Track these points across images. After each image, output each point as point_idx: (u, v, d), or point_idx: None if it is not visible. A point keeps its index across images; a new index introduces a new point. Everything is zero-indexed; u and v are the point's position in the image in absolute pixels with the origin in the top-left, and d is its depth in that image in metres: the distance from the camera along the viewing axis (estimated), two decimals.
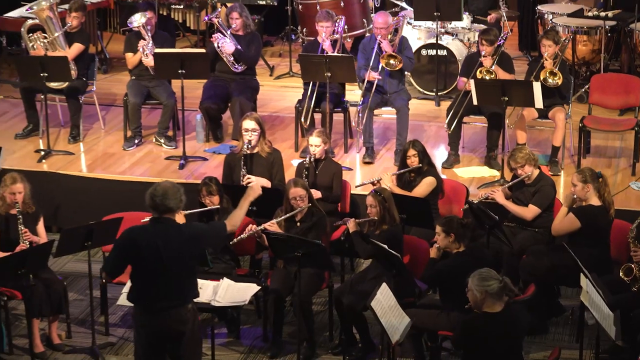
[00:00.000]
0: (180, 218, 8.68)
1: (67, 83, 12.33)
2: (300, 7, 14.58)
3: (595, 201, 9.51)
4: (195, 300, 8.18)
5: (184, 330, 7.88)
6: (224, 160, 10.96)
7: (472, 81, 11.40)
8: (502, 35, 12.14)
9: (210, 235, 8.07)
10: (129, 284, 8.58)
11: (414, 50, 12.84)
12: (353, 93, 12.83)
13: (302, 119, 12.09)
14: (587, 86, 12.67)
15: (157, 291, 7.78)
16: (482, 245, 9.13)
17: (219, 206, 9.79)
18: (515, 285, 9.06)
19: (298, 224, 9.66)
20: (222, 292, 9.00)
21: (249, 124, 10.60)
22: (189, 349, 8.01)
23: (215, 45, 12.35)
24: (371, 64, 11.84)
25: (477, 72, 11.54)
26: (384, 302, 8.31)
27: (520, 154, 10.07)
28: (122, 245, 7.89)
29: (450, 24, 13.76)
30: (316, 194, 10.14)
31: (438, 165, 11.13)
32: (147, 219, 8.74)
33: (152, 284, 7.78)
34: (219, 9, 13.87)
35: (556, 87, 11.48)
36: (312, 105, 12.10)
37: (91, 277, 9.51)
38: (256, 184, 8.48)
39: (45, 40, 12.60)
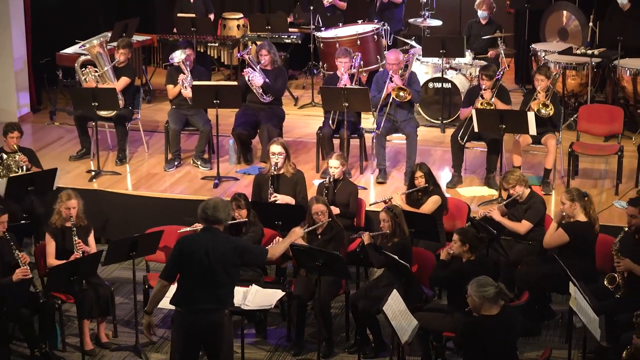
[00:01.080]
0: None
1: (115, 112, 12.40)
2: (321, 45, 14.60)
3: (582, 217, 9.51)
4: (233, 306, 8.25)
5: (220, 334, 7.91)
6: (253, 180, 10.98)
7: (474, 111, 11.43)
8: (500, 70, 12.14)
9: (253, 253, 8.15)
10: (170, 289, 8.67)
11: (421, 83, 12.84)
12: (368, 121, 12.84)
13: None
14: (575, 115, 12.65)
15: (200, 294, 7.81)
16: (482, 256, 9.14)
17: (246, 219, 9.79)
18: (511, 292, 9.09)
19: (319, 236, 9.68)
20: (251, 297, 9.03)
21: (275, 148, 10.64)
22: (223, 351, 8.05)
23: (246, 78, 12.38)
24: (383, 95, 11.89)
25: (478, 103, 11.58)
26: (395, 306, 8.33)
27: (512, 176, 10.09)
28: (177, 251, 7.93)
29: (454, 60, 13.76)
30: (335, 210, 10.16)
31: (443, 185, 11.10)
32: (198, 227, 8.86)
33: (196, 286, 7.82)
34: (250, 47, 13.96)
35: (548, 117, 11.47)
36: (332, 132, 12.15)
37: (135, 283, 9.51)
38: (297, 232, 8.50)
39: (96, 74, 12.63)
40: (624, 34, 13.14)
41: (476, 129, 11.47)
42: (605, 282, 9.10)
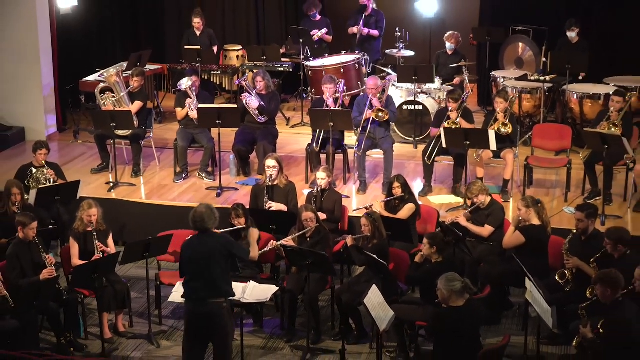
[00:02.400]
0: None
1: (130, 131, 12.39)
2: (310, 72, 14.59)
3: (536, 222, 9.54)
4: (232, 296, 8.33)
5: (216, 321, 8.03)
6: (251, 190, 10.97)
7: (442, 129, 11.45)
8: (464, 94, 12.14)
9: (239, 247, 8.46)
10: (178, 285, 8.71)
11: (396, 105, 12.86)
12: (350, 138, 12.84)
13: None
14: (530, 133, 12.66)
15: (199, 285, 8.01)
16: (449, 256, 9.16)
17: (244, 226, 9.79)
18: (475, 286, 9.10)
19: (308, 239, 9.68)
20: (249, 291, 9.04)
21: (270, 162, 10.65)
22: (221, 338, 8.15)
23: (244, 102, 12.39)
24: (363, 116, 11.91)
25: (446, 123, 11.60)
26: (374, 299, 8.35)
27: (475, 187, 10.13)
28: (182, 253, 8.21)
29: (425, 85, 13.75)
30: (322, 216, 10.15)
31: (416, 194, 11.13)
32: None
33: (195, 279, 8.03)
34: (247, 74, 13.95)
35: (507, 135, 11.47)
36: (319, 148, 12.15)
37: (148, 280, 9.55)
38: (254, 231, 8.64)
39: (114, 99, 12.65)
40: (572, 63, 13.16)
41: (444, 145, 11.49)
42: (557, 278, 9.12)
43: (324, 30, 15.27)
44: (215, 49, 15.20)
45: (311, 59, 15.01)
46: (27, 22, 13.80)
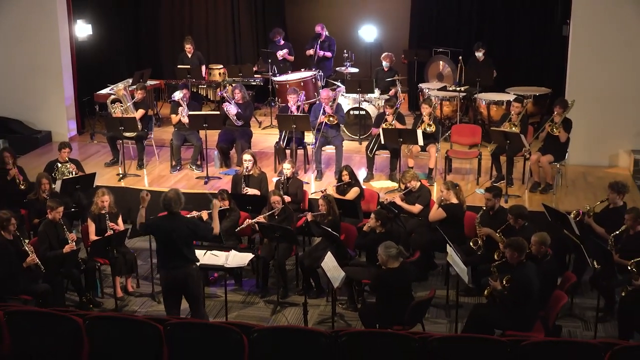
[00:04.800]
0: (204, 215, 8.76)
1: (135, 133, 12.26)
2: (277, 85, 14.53)
3: (454, 200, 9.59)
4: (210, 263, 8.39)
5: (189, 281, 7.95)
6: (232, 179, 10.91)
7: (381, 129, 11.45)
8: (398, 102, 12.17)
9: (202, 228, 8.14)
10: None
11: (345, 111, 12.85)
12: (309, 137, 12.80)
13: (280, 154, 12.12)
14: (449, 132, 12.71)
15: (170, 256, 7.92)
16: (389, 228, 9.17)
17: (228, 207, 9.76)
18: (407, 252, 9.18)
19: (276, 217, 9.64)
20: (230, 258, 8.98)
21: (246, 156, 10.60)
22: (194, 293, 8.08)
23: (225, 109, 12.32)
24: (318, 120, 11.88)
25: (384, 124, 11.60)
26: (329, 263, 8.37)
27: (408, 175, 10.14)
28: (153, 223, 8.11)
29: (367, 95, 13.78)
30: (287, 198, 10.13)
31: (361, 180, 11.11)
32: (195, 214, 8.86)
33: (166, 252, 7.94)
34: (227, 87, 13.84)
35: (431, 133, 11.54)
36: (284, 145, 12.11)
37: (151, 250, 9.44)
38: (216, 204, 8.42)
39: (122, 108, 12.53)
40: (480, 77, 13.23)
41: (382, 142, 11.51)
42: (471, 244, 9.18)
43: (286, 51, 15.21)
44: (203, 67, 15.12)
45: (277, 75, 14.95)
46: (52, 47, 13.69)
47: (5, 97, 14.01)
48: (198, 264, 8.13)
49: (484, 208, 9.48)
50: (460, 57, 14.30)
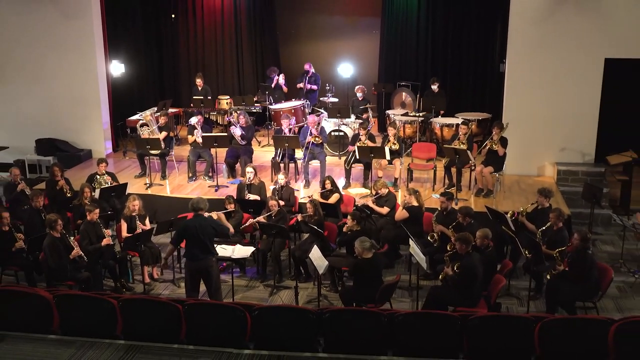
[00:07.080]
0: (221, 216, 8.75)
1: (159, 151, 12.22)
2: (272, 112, 14.53)
3: (415, 203, 9.60)
4: (220, 255, 8.31)
5: (210, 271, 7.96)
6: (237, 187, 10.85)
7: (356, 147, 11.45)
8: (369, 125, 12.19)
9: (221, 227, 8.27)
10: None
11: (327, 132, 12.85)
12: (299, 153, 12.79)
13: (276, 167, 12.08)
14: (410, 149, 12.73)
15: (195, 250, 7.93)
16: (364, 227, 9.16)
17: (234, 209, 9.74)
18: (378, 244, 9.17)
19: (273, 218, 9.61)
20: (236, 251, 8.96)
21: (249, 169, 10.59)
22: (214, 281, 8.08)
23: (232, 131, 12.31)
24: (306, 139, 11.88)
25: (358, 143, 11.59)
26: (315, 254, 8.34)
27: (378, 183, 10.13)
28: (182, 228, 8.14)
29: (345, 119, 13.78)
30: (282, 203, 10.10)
31: (340, 188, 11.10)
32: (205, 213, 8.76)
33: (193, 246, 7.94)
34: (233, 114, 13.81)
35: (396, 150, 11.54)
36: (279, 159, 12.08)
37: None
38: (221, 216, 8.55)
39: (148, 130, 12.54)
40: (435, 105, 13.30)
41: (357, 157, 11.50)
42: (428, 238, 9.21)
43: (283, 80, 15.18)
44: (209, 98, 15.14)
45: (273, 104, 14.92)
46: (92, 82, 13.62)
47: (56, 123, 13.94)
48: (222, 255, 8.16)
49: (439, 209, 9.49)
50: (419, 89, 14.36)
